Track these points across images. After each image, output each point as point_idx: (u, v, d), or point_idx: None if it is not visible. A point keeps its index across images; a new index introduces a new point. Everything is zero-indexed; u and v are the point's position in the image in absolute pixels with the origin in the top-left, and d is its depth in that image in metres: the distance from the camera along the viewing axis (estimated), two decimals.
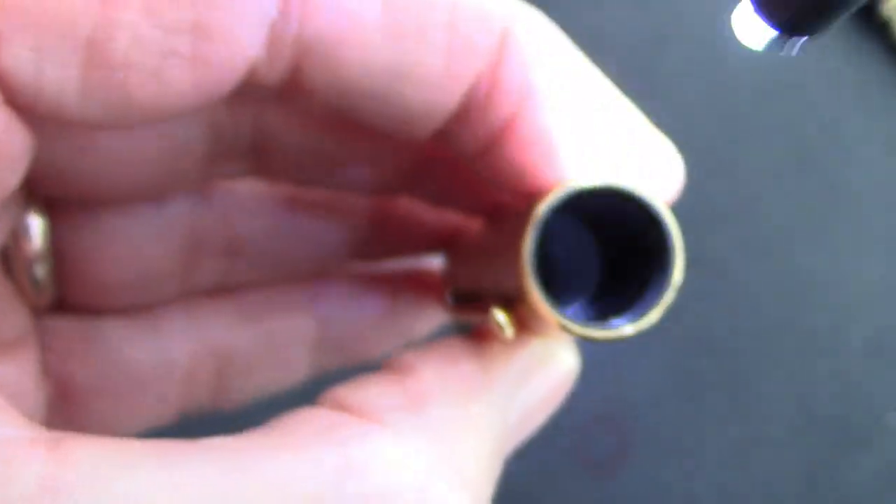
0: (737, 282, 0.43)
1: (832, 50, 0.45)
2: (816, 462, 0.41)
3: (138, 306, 0.26)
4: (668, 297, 0.21)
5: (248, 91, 0.19)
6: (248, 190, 0.26)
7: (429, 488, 0.19)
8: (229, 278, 0.27)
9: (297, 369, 0.28)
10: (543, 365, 0.23)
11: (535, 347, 0.23)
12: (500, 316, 0.21)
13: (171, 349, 0.26)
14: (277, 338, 0.28)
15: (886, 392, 0.42)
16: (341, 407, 0.20)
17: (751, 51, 0.20)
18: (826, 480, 0.40)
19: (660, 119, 0.23)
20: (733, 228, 0.44)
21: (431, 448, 0.19)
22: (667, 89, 0.43)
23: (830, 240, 0.44)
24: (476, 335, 0.23)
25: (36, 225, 0.24)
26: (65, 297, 0.25)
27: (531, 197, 0.21)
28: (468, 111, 0.21)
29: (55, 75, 0.17)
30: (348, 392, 0.20)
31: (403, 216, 0.28)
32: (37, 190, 0.23)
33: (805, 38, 0.18)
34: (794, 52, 0.18)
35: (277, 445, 0.18)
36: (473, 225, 0.27)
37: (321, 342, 0.28)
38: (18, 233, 0.23)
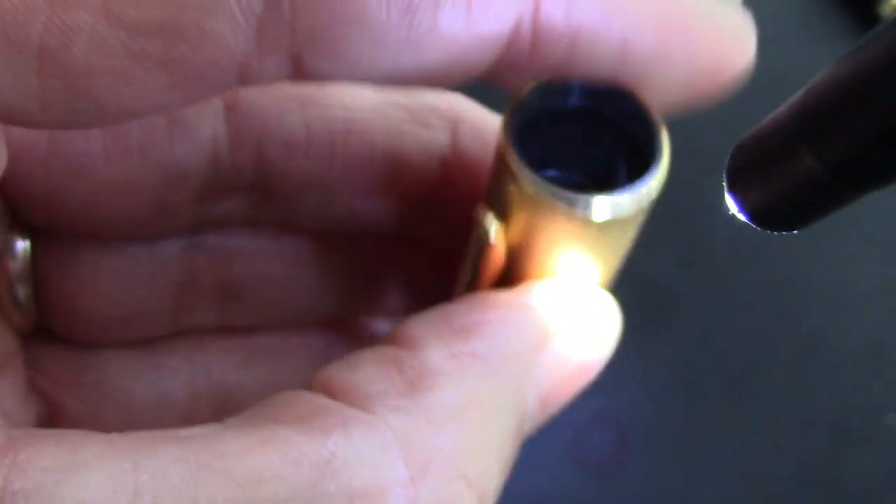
0: (736, 282, 0.42)
1: (831, 49, 0.45)
2: (815, 462, 0.41)
3: (129, 341, 0.25)
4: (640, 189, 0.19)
5: (249, 84, 0.18)
6: (245, 234, 0.25)
7: (421, 487, 0.17)
8: (227, 321, 0.26)
9: None
10: (572, 333, 0.21)
11: (560, 309, 0.21)
12: (485, 214, 0.20)
13: (170, 384, 0.25)
14: (285, 384, 0.26)
15: (885, 392, 0.42)
16: (330, 389, 0.18)
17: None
18: (825, 480, 0.40)
19: None
20: (732, 229, 0.44)
21: (426, 439, 0.17)
22: None
23: (829, 240, 0.44)
24: (489, 298, 0.20)
25: (19, 245, 0.23)
26: (52, 327, 0.24)
27: None
28: (512, 64, 0.19)
29: (7, 84, 0.15)
30: (340, 372, 0.18)
31: (415, 269, 0.26)
32: (21, 218, 0.22)
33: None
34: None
35: (253, 437, 0.16)
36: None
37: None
38: (1, 252, 0.23)
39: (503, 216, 0.20)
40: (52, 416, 0.24)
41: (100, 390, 0.24)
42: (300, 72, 0.18)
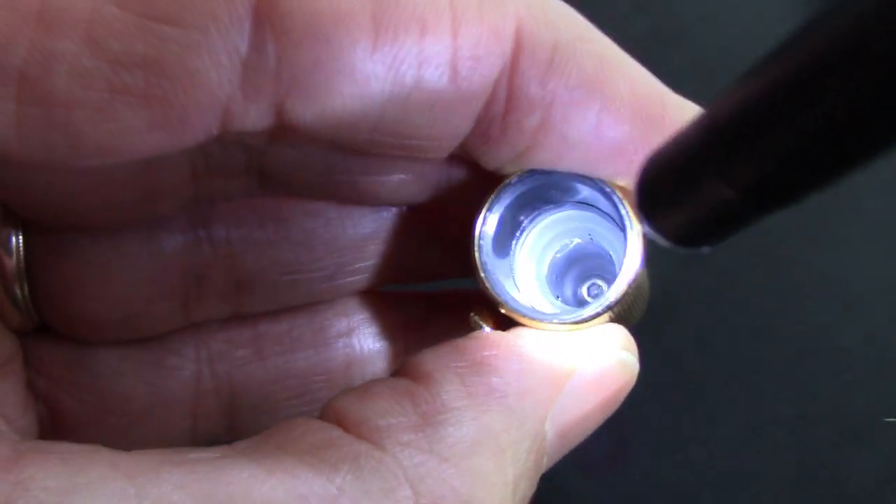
0: (735, 281, 0.43)
1: None
2: (815, 461, 0.41)
3: (134, 339, 0.24)
4: (596, 308, 0.20)
5: (229, 134, 0.17)
6: (254, 220, 0.24)
7: None
8: (240, 311, 0.25)
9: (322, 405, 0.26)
10: (591, 366, 0.20)
11: (579, 346, 0.20)
12: (475, 318, 0.21)
13: (172, 384, 0.24)
14: (300, 376, 0.25)
15: (885, 392, 0.42)
16: (342, 419, 0.18)
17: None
18: (825, 479, 0.40)
19: None
20: None
21: (439, 478, 0.17)
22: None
23: (829, 239, 0.44)
24: (503, 335, 0.21)
25: (13, 243, 0.22)
26: (52, 327, 0.23)
27: None
28: (487, 127, 0.19)
29: None
30: (354, 402, 0.18)
31: (440, 236, 0.25)
32: (11, 211, 0.22)
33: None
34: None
35: (260, 466, 0.16)
36: None
37: (352, 381, 0.26)
38: None
39: (492, 316, 0.21)
40: (53, 419, 0.23)
41: (98, 394, 0.24)
42: (283, 120, 0.17)
